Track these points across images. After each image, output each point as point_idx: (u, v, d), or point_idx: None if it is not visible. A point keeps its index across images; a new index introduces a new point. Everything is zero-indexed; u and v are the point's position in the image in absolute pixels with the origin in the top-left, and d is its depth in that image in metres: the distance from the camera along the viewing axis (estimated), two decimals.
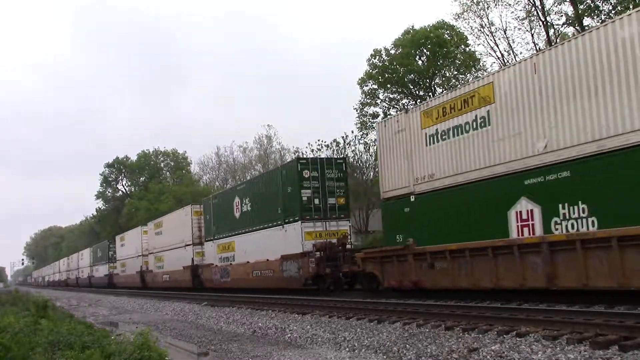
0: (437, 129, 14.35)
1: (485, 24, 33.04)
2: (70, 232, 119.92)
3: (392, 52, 37.74)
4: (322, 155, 37.35)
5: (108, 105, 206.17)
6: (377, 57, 38.26)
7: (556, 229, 11.35)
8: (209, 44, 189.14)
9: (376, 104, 39.09)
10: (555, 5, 29.03)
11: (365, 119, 39.02)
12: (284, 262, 20.66)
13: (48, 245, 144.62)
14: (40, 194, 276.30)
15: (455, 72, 37.17)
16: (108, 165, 78.48)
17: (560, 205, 11.24)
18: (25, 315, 14.21)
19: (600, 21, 24.94)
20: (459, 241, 13.33)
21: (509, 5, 31.24)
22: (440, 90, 35.90)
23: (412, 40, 36.35)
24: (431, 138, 14.52)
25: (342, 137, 40.25)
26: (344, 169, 21.36)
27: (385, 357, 8.93)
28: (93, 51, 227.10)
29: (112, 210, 79.08)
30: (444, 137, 14.16)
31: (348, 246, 19.25)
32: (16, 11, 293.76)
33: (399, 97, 38.48)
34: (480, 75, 32.94)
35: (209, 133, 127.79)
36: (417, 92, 37.57)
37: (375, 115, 38.60)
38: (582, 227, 10.82)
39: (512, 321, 9.64)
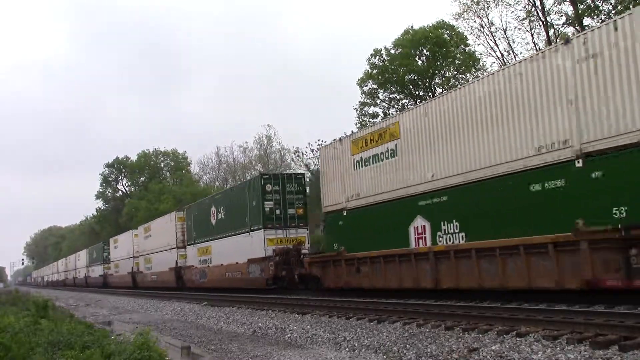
0: (361, 156, 17.19)
1: (485, 24, 33.09)
2: (70, 232, 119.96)
3: (392, 52, 37.77)
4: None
5: (108, 105, 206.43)
6: (377, 57, 38.30)
7: (440, 241, 14.17)
8: (209, 44, 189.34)
9: (376, 104, 39.14)
10: (555, 5, 29.07)
11: (365, 118, 39.06)
12: (250, 264, 23.47)
13: (48, 245, 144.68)
14: (40, 193, 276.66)
15: (455, 72, 37.18)
16: (108, 165, 78.60)
17: (442, 222, 14.08)
18: (25, 315, 14.20)
19: (600, 21, 24.94)
20: (377, 249, 16.08)
21: (509, 5, 31.30)
22: (440, 90, 35.93)
23: (412, 40, 36.37)
24: (357, 163, 17.35)
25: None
26: (303, 182, 24.13)
27: (385, 357, 8.93)
28: (93, 51, 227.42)
29: (112, 210, 79.15)
30: (366, 163, 16.99)
31: (304, 251, 21.40)
32: (16, 11, 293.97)
33: (399, 97, 38.49)
34: (479, 74, 32.98)
35: (209, 133, 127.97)
36: (417, 92, 37.58)
37: (375, 115, 38.64)
38: (456, 240, 13.69)
39: (512, 321, 9.64)
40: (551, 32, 29.89)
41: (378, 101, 39.03)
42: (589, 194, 10.75)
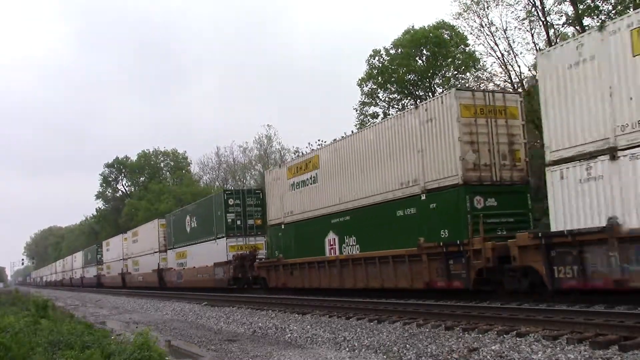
0: (294, 181, 21.13)
1: (485, 24, 33.03)
2: (70, 232, 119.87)
3: (392, 52, 37.75)
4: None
5: (108, 105, 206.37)
6: (377, 57, 38.27)
7: (344, 252, 18.01)
8: (209, 44, 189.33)
9: (376, 104, 39.10)
10: (556, 5, 29.03)
11: (365, 118, 39.03)
12: (215, 267, 27.57)
13: (48, 245, 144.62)
14: (40, 193, 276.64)
15: (455, 72, 37.15)
16: (108, 165, 78.48)
17: (345, 237, 17.97)
18: (25, 315, 14.20)
19: (600, 21, 24.94)
20: (304, 257, 20.15)
21: (509, 5, 31.24)
22: (441, 90, 35.92)
23: (412, 40, 36.33)
24: (291, 186, 21.23)
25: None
26: (261, 197, 27.79)
27: (385, 357, 8.93)
28: (93, 51, 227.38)
29: (112, 210, 79.08)
30: (297, 187, 20.93)
31: (260, 257, 24.92)
32: (16, 11, 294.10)
33: (399, 97, 38.46)
34: (481, 73, 33.00)
35: (209, 133, 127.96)
36: (417, 92, 37.56)
37: (374, 115, 38.60)
38: (354, 251, 17.57)
39: (512, 321, 9.65)
40: (551, 32, 29.86)
41: (378, 101, 39.01)
42: (428, 220, 14.52)
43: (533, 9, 30.10)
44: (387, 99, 38.70)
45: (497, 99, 14.45)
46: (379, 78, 37.95)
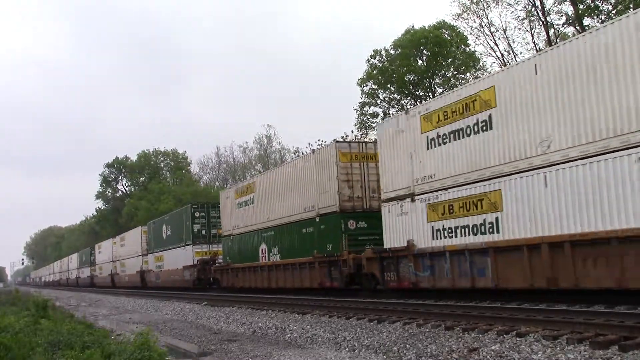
0: (239, 200, 25.86)
1: (485, 24, 33.07)
2: (70, 232, 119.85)
3: (392, 52, 37.76)
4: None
5: (108, 105, 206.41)
6: (377, 57, 38.30)
7: (271, 259, 22.57)
8: (209, 44, 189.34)
9: (376, 104, 39.12)
10: (556, 5, 29.04)
11: (365, 118, 39.06)
12: (184, 270, 32.15)
13: (48, 245, 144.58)
14: (40, 193, 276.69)
15: (455, 72, 37.17)
16: (108, 165, 78.43)
17: (272, 247, 22.58)
18: (26, 315, 14.21)
19: (600, 21, 24.94)
20: (245, 262, 24.97)
21: (509, 5, 31.28)
22: (441, 90, 35.93)
23: (412, 41, 36.34)
24: (237, 205, 25.99)
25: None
26: None
27: (385, 357, 8.93)
28: (93, 51, 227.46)
29: (112, 210, 79.05)
30: (241, 206, 25.64)
31: (218, 262, 29.00)
32: (16, 9, 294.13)
33: (399, 97, 38.48)
34: (480, 76, 32.94)
35: (209, 133, 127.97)
36: (417, 92, 37.57)
37: (375, 115, 38.64)
38: (277, 259, 22.09)
39: (512, 321, 9.65)
40: (551, 32, 29.88)
41: (378, 101, 39.04)
42: (320, 237, 18.96)
43: (533, 8, 30.13)
44: (387, 99, 38.74)
45: (369, 147, 18.81)
46: (379, 78, 37.97)
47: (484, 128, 12.91)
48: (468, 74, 36.37)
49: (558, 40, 30.54)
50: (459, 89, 14.31)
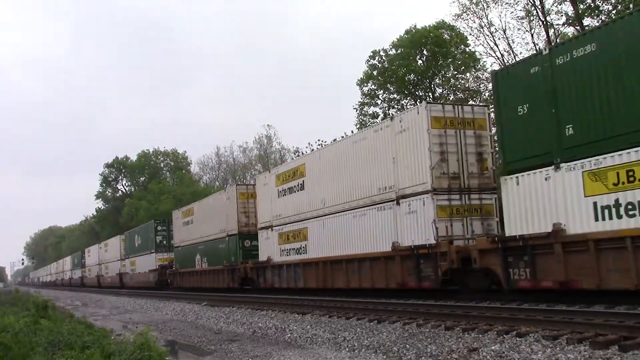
0: (185, 220, 33.39)
1: (485, 24, 33.05)
2: (70, 232, 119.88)
3: (391, 53, 37.75)
4: None
5: (108, 105, 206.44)
6: (377, 57, 38.28)
7: (203, 265, 30.13)
8: (209, 44, 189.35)
9: (376, 104, 39.10)
10: (555, 5, 29.01)
11: (364, 118, 39.03)
12: (150, 273, 39.79)
13: (48, 245, 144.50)
14: (40, 193, 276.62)
15: (455, 72, 37.15)
16: (108, 166, 78.38)
17: (202, 257, 30.14)
18: (26, 315, 14.20)
19: (600, 21, 24.92)
20: (189, 268, 32.41)
21: (509, 5, 31.25)
22: (441, 90, 35.94)
23: (412, 41, 36.32)
24: (183, 224, 33.59)
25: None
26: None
27: (385, 357, 8.93)
28: (93, 50, 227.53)
29: (112, 210, 79.02)
30: (186, 224, 33.17)
31: (174, 267, 35.78)
32: (16, 8, 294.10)
33: (398, 97, 38.45)
34: (479, 74, 32.99)
35: (209, 133, 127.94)
36: (417, 93, 37.55)
37: (374, 115, 38.60)
38: (205, 265, 29.73)
39: (512, 321, 9.65)
40: (551, 32, 29.85)
41: (378, 101, 39.02)
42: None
43: (533, 8, 30.10)
44: (387, 99, 38.71)
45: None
46: (379, 78, 37.95)
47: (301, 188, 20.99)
48: (468, 74, 36.36)
49: (558, 40, 30.54)
50: (290, 162, 26.42)
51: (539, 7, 29.70)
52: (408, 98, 37.83)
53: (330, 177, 18.99)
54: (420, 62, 37.19)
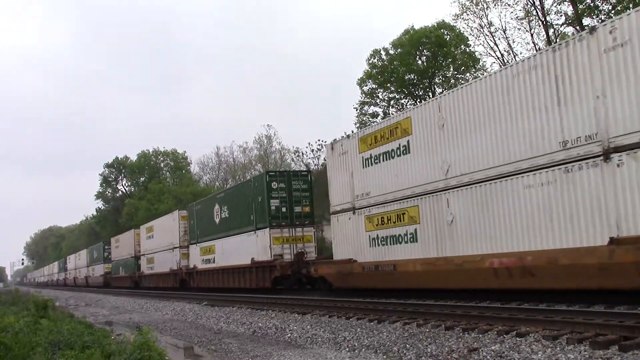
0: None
1: (485, 24, 33.05)
2: (70, 232, 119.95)
3: (391, 52, 37.76)
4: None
5: (108, 105, 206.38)
6: (377, 57, 38.29)
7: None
8: (209, 44, 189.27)
9: (376, 104, 39.11)
10: (555, 5, 29.01)
11: (364, 118, 39.03)
12: (100, 276, 51.26)
13: (48, 245, 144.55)
14: (40, 193, 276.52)
15: (455, 72, 37.16)
16: (108, 166, 78.39)
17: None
18: (26, 315, 14.21)
19: (600, 21, 24.92)
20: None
21: (509, 5, 31.26)
22: (440, 90, 35.92)
23: (411, 40, 36.34)
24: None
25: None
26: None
27: (385, 357, 8.93)
28: (94, 50, 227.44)
29: (112, 210, 79.02)
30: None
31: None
32: (17, 7, 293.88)
33: (398, 96, 38.47)
34: (481, 73, 32.93)
35: (209, 133, 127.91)
36: (417, 92, 37.56)
37: (374, 115, 38.63)
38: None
39: (512, 321, 9.64)
40: (551, 32, 29.86)
41: (378, 101, 39.03)
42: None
43: (532, 8, 30.11)
44: (387, 98, 38.73)
45: None
46: (379, 78, 37.96)
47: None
48: (468, 74, 36.36)
49: (558, 40, 30.53)
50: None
51: (539, 7, 29.71)
52: (408, 97, 37.86)
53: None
54: (420, 61, 37.20)
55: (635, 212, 9.59)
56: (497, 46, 33.32)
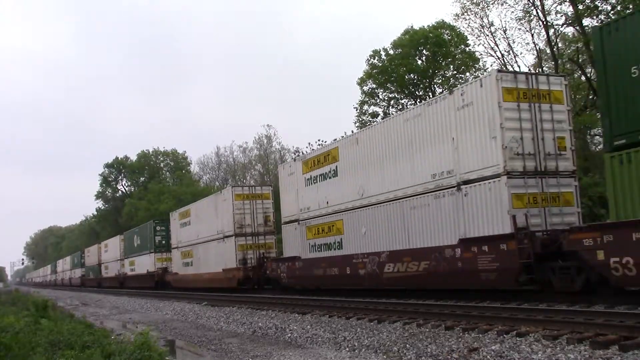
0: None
1: (485, 24, 33.03)
2: (70, 232, 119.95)
3: (392, 52, 37.75)
4: None
5: (109, 105, 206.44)
6: (377, 57, 38.27)
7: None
8: (210, 44, 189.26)
9: (376, 104, 39.09)
10: (555, 5, 28.97)
11: (364, 118, 39.01)
12: (78, 278, 63.12)
13: (48, 245, 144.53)
14: (40, 193, 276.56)
15: (455, 72, 37.15)
16: (108, 165, 78.31)
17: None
18: (26, 315, 14.21)
19: (600, 21, 24.92)
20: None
21: (509, 5, 31.22)
22: (440, 90, 35.92)
23: (411, 40, 36.32)
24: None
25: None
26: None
27: (385, 357, 8.94)
28: (94, 50, 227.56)
29: (112, 210, 78.98)
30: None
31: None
32: (17, 6, 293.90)
33: (398, 96, 38.45)
34: (481, 73, 32.98)
35: (209, 133, 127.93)
36: (417, 92, 37.56)
37: (374, 115, 38.60)
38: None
39: (512, 321, 9.65)
40: (551, 32, 29.84)
41: (378, 100, 39.01)
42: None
43: (532, 8, 30.08)
44: (387, 98, 38.71)
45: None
46: (379, 78, 37.95)
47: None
48: (468, 74, 36.35)
49: (558, 40, 30.56)
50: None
51: (539, 7, 29.69)
52: (408, 97, 37.85)
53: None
54: (420, 62, 37.19)
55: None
56: (497, 46, 33.31)
